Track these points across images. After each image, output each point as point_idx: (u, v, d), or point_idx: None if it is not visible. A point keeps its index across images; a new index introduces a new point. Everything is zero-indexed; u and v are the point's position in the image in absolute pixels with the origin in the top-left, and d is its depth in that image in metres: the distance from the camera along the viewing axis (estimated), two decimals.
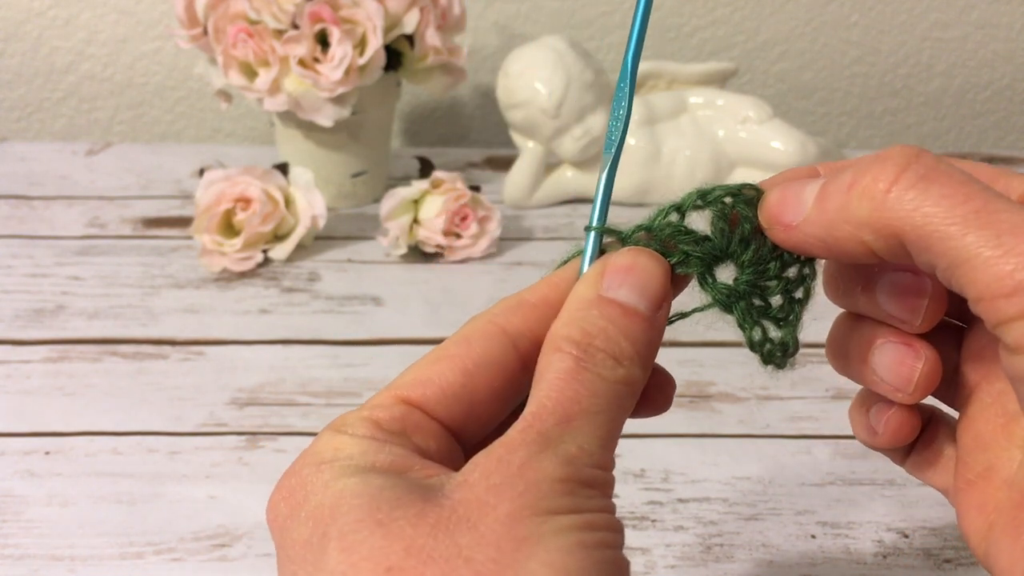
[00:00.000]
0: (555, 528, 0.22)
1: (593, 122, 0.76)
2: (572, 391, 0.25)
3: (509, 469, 0.23)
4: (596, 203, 0.29)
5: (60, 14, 0.90)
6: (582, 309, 0.26)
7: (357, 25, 0.68)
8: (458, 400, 0.26)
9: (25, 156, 0.86)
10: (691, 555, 0.46)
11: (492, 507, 0.22)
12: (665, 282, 0.27)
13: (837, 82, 0.98)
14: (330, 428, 0.26)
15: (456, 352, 0.27)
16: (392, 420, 0.26)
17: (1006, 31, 0.97)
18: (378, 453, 0.24)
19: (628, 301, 0.26)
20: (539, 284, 0.28)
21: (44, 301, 0.65)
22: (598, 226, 0.28)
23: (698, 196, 0.28)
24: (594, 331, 0.26)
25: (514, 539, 0.22)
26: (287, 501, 0.24)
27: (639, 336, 0.26)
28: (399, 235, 0.69)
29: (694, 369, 0.60)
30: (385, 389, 0.27)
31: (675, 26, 0.94)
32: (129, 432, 0.53)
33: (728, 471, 0.51)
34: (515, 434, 0.24)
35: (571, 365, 0.25)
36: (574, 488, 0.23)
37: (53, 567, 0.44)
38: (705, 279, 0.28)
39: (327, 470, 0.24)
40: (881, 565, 0.46)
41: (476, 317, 0.28)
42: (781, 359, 0.29)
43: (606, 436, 0.25)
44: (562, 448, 0.24)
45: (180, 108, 0.95)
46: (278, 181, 0.70)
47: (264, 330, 0.62)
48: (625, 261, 0.27)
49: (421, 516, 0.22)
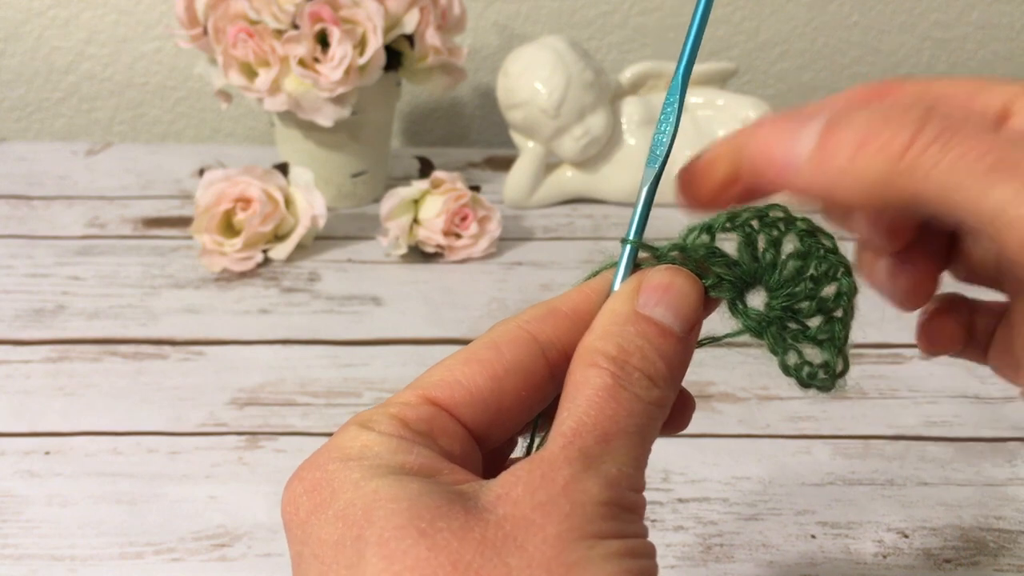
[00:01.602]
0: (603, 554, 0.22)
1: (593, 122, 0.76)
2: (611, 410, 0.24)
3: (553, 487, 0.23)
4: (635, 216, 0.28)
5: (60, 14, 0.90)
6: (618, 324, 0.26)
7: (357, 25, 0.69)
8: (485, 405, 0.26)
9: (25, 156, 0.86)
10: (691, 555, 0.46)
11: (540, 527, 0.22)
12: (699, 304, 0.27)
13: (837, 82, 0.98)
14: (356, 423, 0.25)
15: (486, 356, 0.26)
16: (419, 420, 0.25)
17: (1006, 31, 0.97)
18: (408, 453, 0.24)
19: (664, 320, 0.26)
20: (571, 293, 0.28)
21: (44, 301, 0.65)
22: (635, 240, 0.28)
23: (727, 218, 0.28)
24: (631, 348, 0.25)
25: (563, 564, 0.22)
26: (310, 495, 0.24)
27: (673, 357, 0.26)
28: (399, 235, 0.69)
29: (694, 369, 0.59)
30: (411, 387, 0.26)
31: (675, 26, 0.94)
32: (129, 432, 0.53)
33: (728, 471, 0.51)
34: (556, 450, 0.24)
35: (609, 383, 0.25)
36: (617, 512, 0.23)
37: (53, 567, 0.44)
38: (736, 305, 0.28)
39: (356, 468, 0.23)
40: (881, 565, 0.46)
41: (505, 322, 0.27)
42: (827, 380, 0.28)
43: (640, 457, 0.25)
44: (603, 469, 0.24)
45: (180, 108, 0.95)
46: (278, 181, 0.70)
47: (264, 330, 0.62)
48: (662, 279, 0.27)
49: (467, 530, 0.22)
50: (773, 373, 0.29)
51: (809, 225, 0.28)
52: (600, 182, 0.79)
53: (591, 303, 0.27)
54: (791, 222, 0.28)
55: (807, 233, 0.28)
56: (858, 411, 0.56)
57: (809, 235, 0.28)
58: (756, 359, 0.61)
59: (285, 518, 0.24)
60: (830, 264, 0.27)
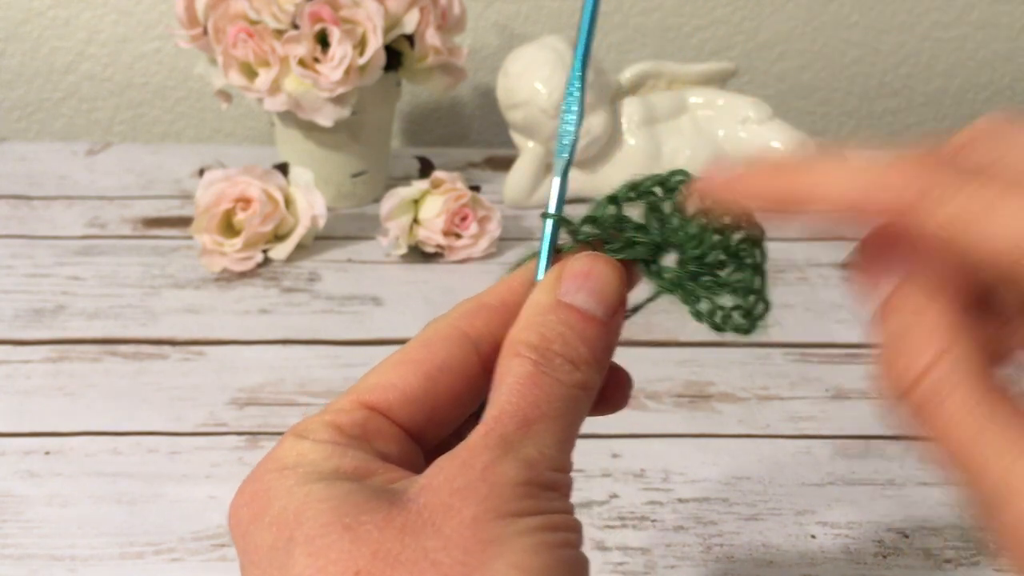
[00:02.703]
0: (519, 529, 0.23)
1: (593, 122, 0.76)
2: (532, 396, 0.25)
3: (472, 473, 0.23)
4: (552, 200, 0.29)
5: (60, 14, 0.90)
6: (540, 314, 0.26)
7: (357, 25, 0.68)
8: (420, 404, 0.27)
9: (25, 156, 0.86)
10: (691, 555, 0.46)
11: (457, 511, 0.23)
12: (621, 287, 0.28)
13: (837, 82, 0.98)
14: (292, 433, 0.26)
15: (418, 356, 0.27)
16: (354, 425, 0.26)
17: (1006, 31, 0.97)
18: (342, 457, 0.25)
19: (585, 306, 0.27)
20: (497, 287, 0.29)
21: (44, 301, 0.65)
22: (555, 215, 0.29)
23: (630, 188, 0.29)
24: (552, 336, 0.26)
25: (480, 541, 0.22)
26: (249, 507, 0.24)
27: (595, 341, 0.27)
28: (399, 235, 0.69)
29: (694, 369, 0.60)
30: (346, 393, 0.27)
31: (675, 26, 0.94)
32: (129, 432, 0.53)
33: (728, 471, 0.51)
34: (477, 438, 0.24)
35: (530, 370, 0.25)
36: (535, 491, 0.24)
37: (53, 567, 0.44)
38: (649, 267, 0.29)
39: (290, 476, 0.24)
40: (881, 565, 0.46)
41: (436, 320, 0.28)
42: (744, 323, 0.29)
43: (564, 439, 0.25)
44: (523, 452, 0.24)
45: (180, 108, 0.95)
46: (278, 181, 0.70)
47: (264, 330, 0.62)
48: (582, 267, 0.27)
49: (388, 520, 0.22)
50: (773, 373, 0.29)
51: None
52: (600, 182, 0.79)
53: (517, 295, 0.28)
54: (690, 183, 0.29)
55: None
56: (858, 411, 0.56)
57: None
58: (756, 359, 0.62)
59: (231, 531, 0.25)
60: (734, 215, 0.28)
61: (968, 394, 0.22)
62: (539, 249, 0.29)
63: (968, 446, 0.21)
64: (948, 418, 0.22)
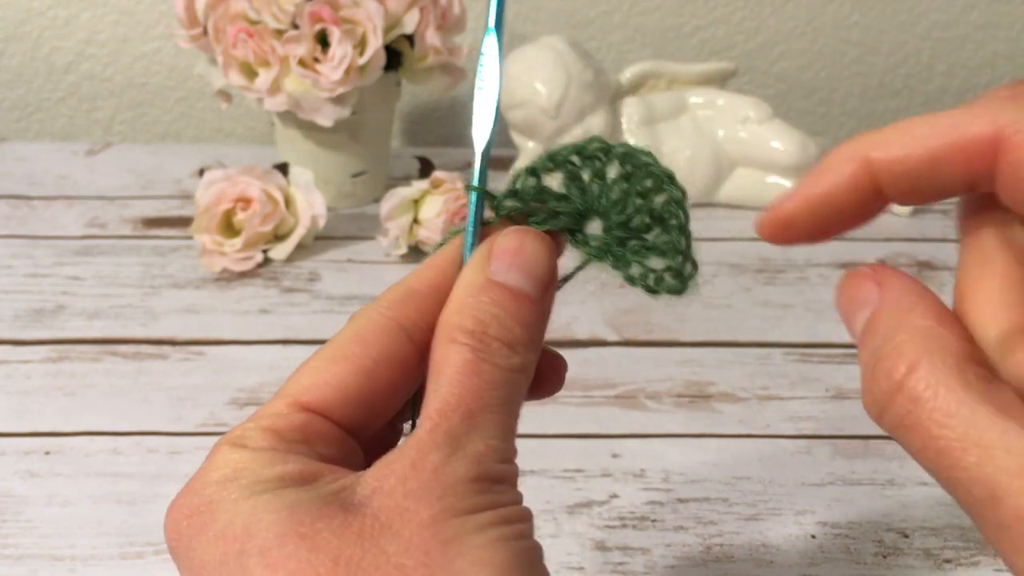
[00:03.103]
0: (475, 526, 0.23)
1: (593, 122, 0.76)
2: (473, 385, 0.25)
3: (423, 474, 0.23)
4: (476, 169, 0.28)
5: (60, 14, 0.90)
6: (472, 295, 0.26)
7: (357, 25, 0.68)
8: (358, 402, 0.26)
9: (25, 156, 0.86)
10: (691, 555, 0.46)
11: (414, 512, 0.23)
12: (552, 262, 0.27)
13: (837, 82, 0.98)
14: (227, 443, 0.25)
15: (353, 352, 0.26)
16: (292, 429, 0.25)
17: (1006, 31, 0.97)
18: (284, 464, 0.24)
19: (518, 285, 0.26)
20: (425, 270, 0.28)
21: (44, 301, 0.65)
22: (479, 187, 0.28)
23: (548, 158, 0.29)
24: (487, 319, 0.25)
25: (440, 542, 0.22)
26: (190, 521, 0.24)
27: (530, 321, 0.26)
28: (399, 235, 0.69)
29: (694, 369, 0.60)
30: (279, 396, 0.26)
31: (675, 26, 0.94)
32: (129, 432, 0.53)
33: (728, 471, 0.51)
34: (424, 435, 0.24)
35: (469, 357, 0.25)
36: (486, 486, 0.24)
37: (53, 567, 0.44)
38: (575, 237, 0.29)
39: (232, 487, 0.24)
40: (881, 565, 0.46)
41: (366, 310, 0.27)
42: (676, 284, 0.29)
43: (508, 427, 0.25)
44: (471, 447, 0.24)
45: (180, 108, 0.95)
46: (278, 181, 0.70)
47: (264, 330, 0.62)
48: (511, 243, 0.27)
49: (345, 526, 0.22)
50: (773, 373, 0.29)
51: (627, 148, 0.28)
52: None
53: (447, 276, 0.27)
54: (608, 150, 0.28)
55: (626, 156, 0.28)
56: (858, 411, 0.56)
57: (629, 157, 0.28)
58: (756, 359, 0.62)
59: (170, 546, 0.24)
60: (654, 177, 0.28)
61: (946, 400, 0.21)
62: (461, 227, 0.28)
63: (955, 452, 0.21)
64: (927, 429, 0.21)
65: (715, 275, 0.70)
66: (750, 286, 0.69)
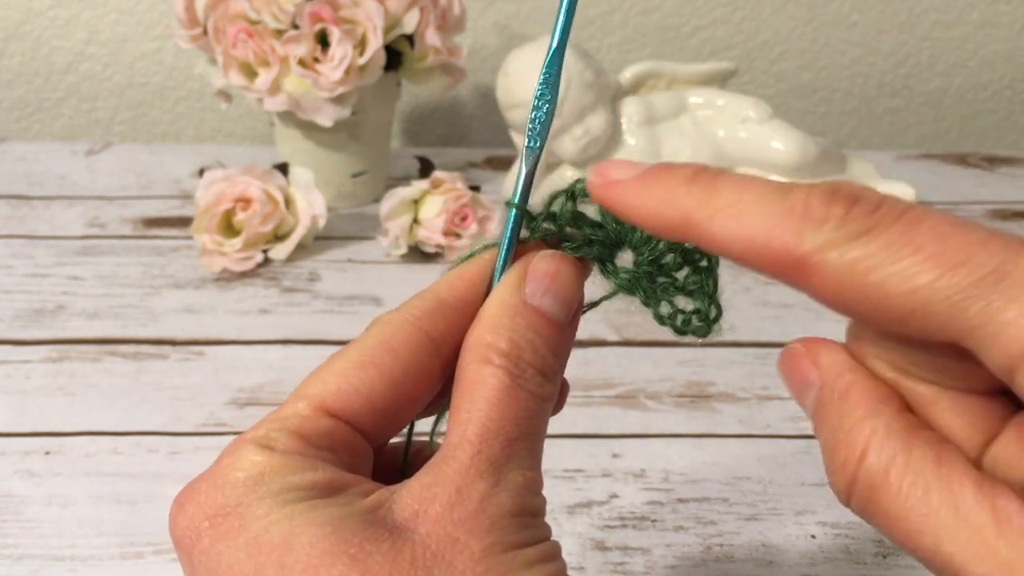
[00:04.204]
0: (523, 562, 0.23)
1: (593, 122, 0.76)
2: (512, 412, 0.24)
3: (471, 504, 0.23)
4: (517, 188, 0.28)
5: (60, 14, 0.90)
6: (508, 316, 0.26)
7: (357, 25, 0.68)
8: (383, 412, 0.26)
9: (25, 156, 0.86)
10: (691, 555, 0.46)
11: (464, 544, 0.23)
12: (581, 291, 0.27)
13: (837, 82, 0.98)
14: (251, 441, 0.24)
15: (383, 361, 0.26)
16: (319, 435, 0.25)
17: (1006, 31, 0.97)
18: (315, 472, 0.24)
19: (551, 311, 0.26)
20: (456, 281, 0.27)
21: (44, 301, 0.65)
22: (519, 204, 0.28)
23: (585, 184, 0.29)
24: (522, 343, 0.25)
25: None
26: (214, 522, 0.23)
27: (560, 347, 0.26)
28: (399, 235, 0.69)
29: (694, 369, 0.60)
30: (303, 396, 0.26)
31: (675, 26, 0.94)
32: (129, 432, 0.53)
33: (728, 471, 0.51)
34: (467, 460, 0.24)
35: (507, 382, 0.25)
36: (528, 520, 0.24)
37: (53, 567, 0.44)
38: (606, 266, 0.29)
39: (263, 491, 0.23)
40: (881, 565, 0.46)
41: (393, 318, 0.26)
42: (702, 327, 0.29)
43: (538, 455, 0.25)
44: (511, 478, 0.24)
45: (180, 108, 0.95)
46: (278, 181, 0.70)
47: (264, 330, 0.62)
48: (549, 267, 0.26)
49: (395, 551, 0.22)
50: (773, 373, 0.29)
51: None
52: None
53: (477, 291, 0.27)
54: None
55: None
56: None
57: None
58: (756, 359, 0.62)
59: (184, 543, 0.24)
60: None
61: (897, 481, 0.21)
62: (493, 242, 0.28)
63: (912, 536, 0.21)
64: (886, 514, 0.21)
65: None
66: (750, 286, 0.69)
